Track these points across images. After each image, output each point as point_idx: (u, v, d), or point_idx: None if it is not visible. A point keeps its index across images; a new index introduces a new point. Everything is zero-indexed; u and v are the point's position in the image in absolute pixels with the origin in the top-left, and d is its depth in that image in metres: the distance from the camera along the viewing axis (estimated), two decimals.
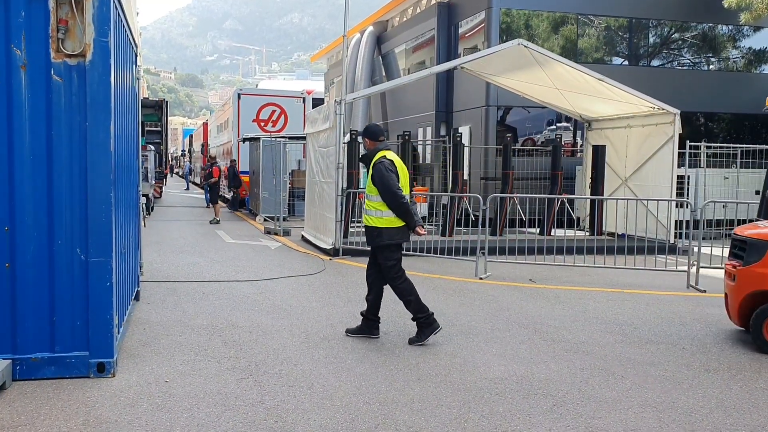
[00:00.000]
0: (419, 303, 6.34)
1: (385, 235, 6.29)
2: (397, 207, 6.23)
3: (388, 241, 6.30)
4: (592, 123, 15.96)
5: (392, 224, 6.28)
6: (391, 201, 6.22)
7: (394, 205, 6.22)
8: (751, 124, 20.27)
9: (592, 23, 19.14)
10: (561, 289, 9.32)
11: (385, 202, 6.24)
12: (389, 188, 6.19)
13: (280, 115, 22.89)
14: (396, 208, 6.23)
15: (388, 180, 6.20)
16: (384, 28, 25.97)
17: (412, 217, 6.32)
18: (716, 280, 10.13)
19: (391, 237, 6.29)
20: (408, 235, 6.46)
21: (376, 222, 6.31)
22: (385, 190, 6.21)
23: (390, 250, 6.33)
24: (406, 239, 6.44)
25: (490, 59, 13.10)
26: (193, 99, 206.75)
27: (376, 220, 6.31)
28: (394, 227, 6.29)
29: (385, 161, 6.30)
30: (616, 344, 6.45)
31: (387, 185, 6.19)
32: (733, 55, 20.30)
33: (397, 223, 6.29)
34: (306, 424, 4.32)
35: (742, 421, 4.56)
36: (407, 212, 6.26)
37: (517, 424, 4.40)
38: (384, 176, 6.22)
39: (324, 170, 12.83)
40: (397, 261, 6.37)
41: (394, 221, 6.28)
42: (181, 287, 8.75)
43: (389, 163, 6.30)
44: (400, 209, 6.23)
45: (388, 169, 6.25)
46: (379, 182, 6.24)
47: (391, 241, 6.30)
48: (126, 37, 6.28)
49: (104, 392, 4.79)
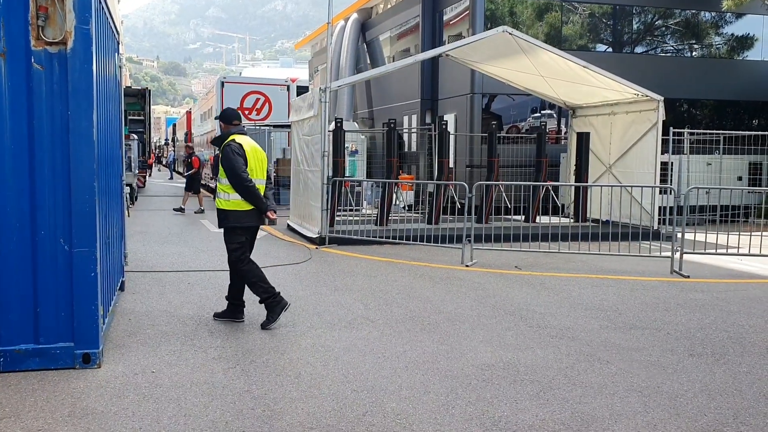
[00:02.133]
0: (264, 285, 6.41)
1: (232, 217, 6.38)
2: (243, 190, 6.31)
3: (234, 224, 6.40)
4: (577, 110, 16.01)
5: (239, 207, 6.35)
6: (236, 184, 6.31)
7: (240, 188, 6.31)
8: (733, 111, 20.43)
9: (576, 10, 19.16)
10: (546, 275, 9.37)
11: (231, 184, 6.33)
12: (234, 171, 6.28)
13: (264, 103, 22.76)
14: (241, 191, 6.31)
15: (233, 163, 6.29)
16: (368, 15, 25.84)
17: (261, 200, 6.37)
18: (700, 266, 10.24)
19: (238, 220, 6.38)
20: (259, 219, 6.47)
21: (224, 204, 6.40)
22: (231, 173, 6.31)
23: (235, 233, 6.43)
24: (255, 223, 6.47)
25: (475, 46, 13.08)
26: (176, 87, 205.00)
27: (224, 202, 6.40)
28: (241, 210, 6.36)
29: (233, 144, 6.39)
30: (601, 330, 6.50)
31: (232, 168, 6.29)
32: (716, 42, 20.41)
33: (245, 207, 6.36)
34: (294, 413, 4.32)
35: (726, 404, 4.61)
36: (253, 195, 6.33)
37: (504, 410, 4.43)
38: (230, 159, 6.30)
39: (309, 158, 12.78)
40: (240, 245, 6.45)
41: (242, 204, 6.35)
42: (166, 277, 8.71)
43: (237, 146, 6.37)
44: (245, 192, 6.31)
45: (234, 152, 6.33)
46: (226, 165, 6.35)
47: (237, 224, 6.39)
48: (108, 25, 6.20)
49: (90, 383, 4.76)
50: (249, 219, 6.40)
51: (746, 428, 4.21)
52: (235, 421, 4.17)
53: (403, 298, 7.78)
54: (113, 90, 6.79)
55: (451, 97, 18.91)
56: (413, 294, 7.99)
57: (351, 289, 8.24)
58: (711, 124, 19.52)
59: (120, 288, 7.60)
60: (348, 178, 15.32)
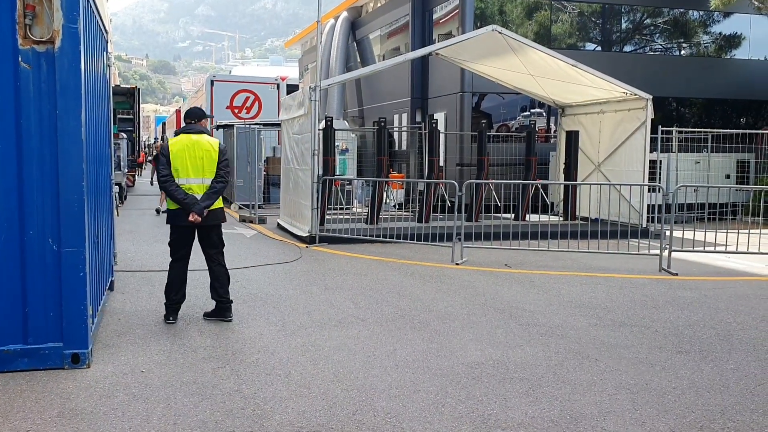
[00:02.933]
0: (170, 294, 6.54)
1: (168, 215, 6.58)
2: (163, 190, 6.54)
3: (168, 223, 6.59)
4: (566, 109, 16.07)
5: (171, 206, 6.52)
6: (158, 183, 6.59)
7: (161, 188, 6.55)
8: (721, 109, 20.55)
9: (566, 9, 19.22)
10: (536, 273, 9.40)
11: None
12: (156, 171, 6.54)
13: (254, 101, 22.72)
14: (164, 191, 6.53)
15: (157, 163, 6.58)
16: (358, 13, 25.82)
17: (178, 200, 6.37)
18: (688, 263, 10.30)
19: (170, 218, 6.55)
20: (183, 219, 6.41)
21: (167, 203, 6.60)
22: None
23: (171, 230, 6.63)
24: (182, 222, 6.44)
25: (465, 45, 13.10)
26: (165, 86, 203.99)
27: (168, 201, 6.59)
28: (171, 209, 6.51)
29: (164, 144, 6.60)
30: (590, 327, 6.54)
31: (156, 168, 6.55)
32: (704, 41, 20.53)
33: (173, 206, 6.47)
34: (284, 412, 4.32)
35: (714, 401, 4.65)
36: (171, 195, 6.40)
37: (493, 408, 4.45)
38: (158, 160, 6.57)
39: (299, 157, 12.77)
40: (172, 241, 6.62)
41: (172, 203, 6.47)
42: (155, 277, 8.67)
43: (164, 146, 6.52)
44: (165, 192, 6.49)
45: (161, 152, 6.53)
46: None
47: (170, 222, 6.56)
48: (96, 23, 6.18)
49: (79, 383, 4.75)
50: (177, 218, 6.48)
51: (733, 424, 4.25)
52: (225, 421, 4.17)
53: (394, 296, 7.79)
54: (102, 89, 6.77)
55: (441, 96, 18.93)
56: (403, 292, 8.00)
57: (341, 287, 8.24)
58: (699, 123, 19.63)
59: (109, 288, 7.57)
60: (338, 177, 15.31)
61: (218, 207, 6.56)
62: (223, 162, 6.54)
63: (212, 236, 6.67)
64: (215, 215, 6.56)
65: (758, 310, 7.39)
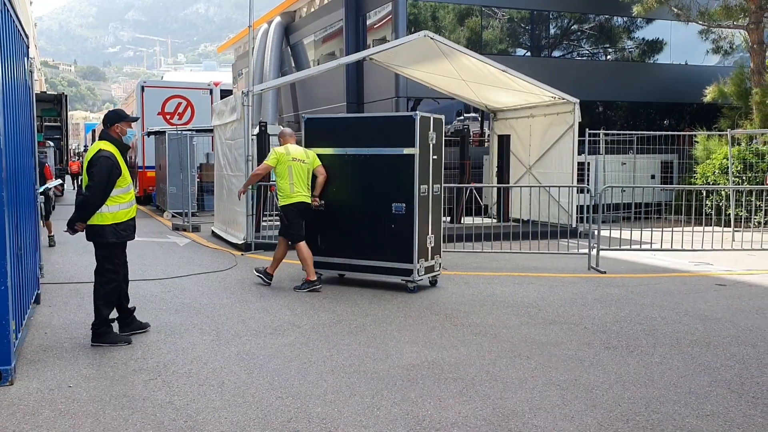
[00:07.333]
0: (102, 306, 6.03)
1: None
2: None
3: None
4: (497, 113, 16.38)
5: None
6: None
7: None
8: (646, 112, 21.35)
9: (496, 15, 19.61)
10: (471, 275, 9.54)
11: None
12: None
13: (186, 107, 22.30)
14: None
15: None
16: (292, 18, 25.72)
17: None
18: (615, 261, 10.64)
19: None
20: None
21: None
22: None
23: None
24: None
25: (398, 51, 13.21)
26: (95, 92, 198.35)
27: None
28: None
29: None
30: (522, 326, 6.68)
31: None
32: (628, 46, 21.28)
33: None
34: (217, 422, 4.26)
35: (639, 393, 4.82)
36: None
37: (428, 409, 4.49)
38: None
39: (232, 163, 12.61)
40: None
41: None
42: (84, 288, 8.41)
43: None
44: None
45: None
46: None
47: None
48: (14, 27, 5.96)
49: (1, 401, 4.57)
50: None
51: (657, 416, 4.41)
52: None
53: (330, 302, 7.78)
54: (23, 95, 6.54)
55: (377, 101, 19.03)
56: (340, 297, 8.00)
57: (277, 295, 8.18)
58: (625, 125, 20.33)
59: (35, 301, 7.32)
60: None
61: (92, 224, 5.97)
62: (90, 173, 5.87)
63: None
64: (89, 231, 6.05)
65: (681, 305, 7.70)
